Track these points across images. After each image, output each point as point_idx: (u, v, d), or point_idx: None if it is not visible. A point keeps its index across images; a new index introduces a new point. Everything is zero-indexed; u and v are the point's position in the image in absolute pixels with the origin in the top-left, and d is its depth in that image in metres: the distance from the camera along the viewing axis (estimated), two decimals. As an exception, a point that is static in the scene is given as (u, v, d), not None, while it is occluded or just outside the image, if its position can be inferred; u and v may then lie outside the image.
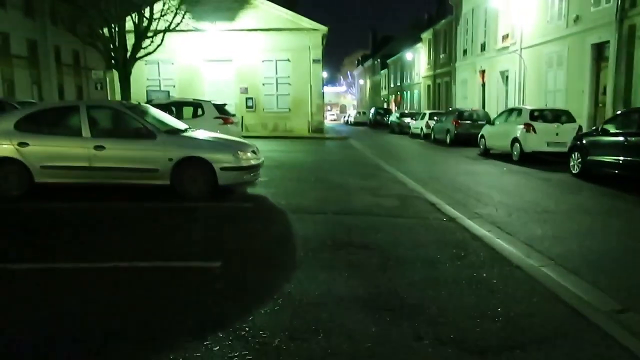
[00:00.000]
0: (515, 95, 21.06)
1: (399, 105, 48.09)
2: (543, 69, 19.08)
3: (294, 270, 4.39)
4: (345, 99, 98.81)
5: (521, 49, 20.39)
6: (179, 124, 8.27)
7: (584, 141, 10.52)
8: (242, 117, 26.45)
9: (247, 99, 26.50)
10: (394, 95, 51.87)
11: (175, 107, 12.96)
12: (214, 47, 26.04)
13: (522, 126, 13.35)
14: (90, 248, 5.07)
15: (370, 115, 44.31)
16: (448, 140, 20.01)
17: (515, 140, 13.54)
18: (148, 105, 8.55)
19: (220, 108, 12.85)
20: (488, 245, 5.39)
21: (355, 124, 48.29)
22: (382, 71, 58.81)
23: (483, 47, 25.10)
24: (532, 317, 3.55)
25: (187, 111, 12.94)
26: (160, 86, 26.63)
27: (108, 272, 4.34)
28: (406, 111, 34.86)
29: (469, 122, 19.58)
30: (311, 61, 26.25)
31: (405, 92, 46.78)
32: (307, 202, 7.43)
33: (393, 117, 33.23)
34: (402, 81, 48.14)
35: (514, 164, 13.10)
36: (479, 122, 19.53)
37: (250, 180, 7.67)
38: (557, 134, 12.97)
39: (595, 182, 9.97)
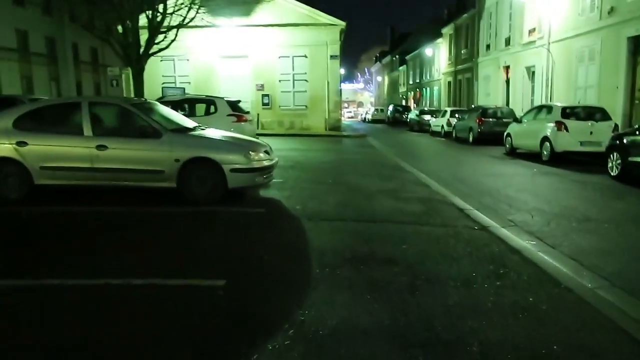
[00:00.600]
0: (542, 91, 20.14)
1: (418, 102, 47.18)
2: (573, 64, 18.14)
3: (308, 291, 3.82)
4: (362, 96, 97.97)
5: (549, 43, 19.46)
6: (188, 122, 7.75)
7: (625, 141, 9.72)
8: (258, 114, 26.04)
9: (263, 95, 26.04)
10: (412, 92, 50.94)
11: (187, 104, 12.50)
12: (229, 43, 25.64)
13: (553, 124, 12.55)
14: (82, 261, 4.57)
15: (389, 112, 43.54)
16: (471, 138, 19.23)
17: (545, 139, 12.75)
18: (155, 102, 8.07)
19: (234, 105, 12.34)
20: (529, 260, 4.74)
21: (373, 121, 47.56)
22: (401, 67, 57.83)
23: (507, 42, 24.16)
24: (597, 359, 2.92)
25: (200, 108, 12.46)
26: (175, 83, 26.32)
27: (96, 292, 3.82)
28: (425, 108, 34.01)
29: (493, 119, 18.77)
30: (328, 57, 25.66)
31: (424, 89, 45.84)
32: (324, 206, 6.84)
33: (412, 115, 32.44)
34: (421, 78, 47.19)
35: (544, 164, 12.32)
36: (504, 120, 18.71)
37: (263, 183, 7.12)
38: (591, 133, 12.15)
39: (637, 185, 9.18)
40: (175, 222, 6.02)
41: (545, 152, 12.74)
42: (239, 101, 12.89)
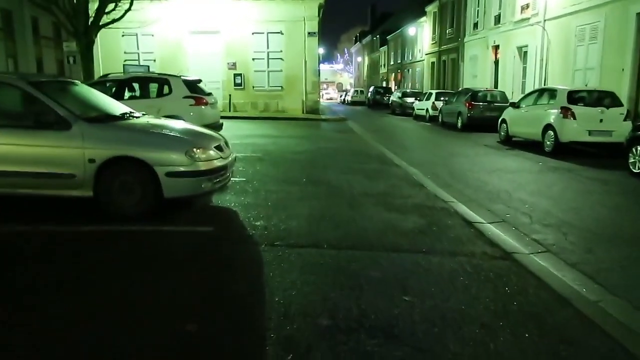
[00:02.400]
0: (536, 73, 18.71)
1: (399, 84, 45.57)
2: (571, 44, 16.69)
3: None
4: (341, 77, 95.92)
5: (544, 20, 17.96)
6: (118, 108, 5.94)
7: (651, 132, 8.29)
8: (230, 95, 24.09)
9: (235, 75, 24.05)
10: (394, 74, 49.27)
11: (137, 83, 10.59)
12: (199, 17, 23.48)
13: (557, 111, 11.07)
14: None
15: (369, 94, 41.83)
16: (459, 124, 17.74)
17: (548, 127, 11.28)
18: (74, 81, 6.22)
19: (193, 85, 10.48)
20: (592, 321, 3.19)
21: (353, 103, 45.88)
22: (382, 48, 56.00)
23: (497, 20, 22.60)
24: None
25: (152, 89, 10.56)
26: (139, 60, 24.14)
27: None
28: (408, 90, 32.44)
29: (484, 104, 17.30)
30: (306, 34, 23.73)
31: (406, 70, 44.21)
32: (293, 222, 5.17)
33: (394, 97, 30.83)
34: (403, 58, 45.50)
35: (548, 156, 10.86)
36: (496, 104, 17.32)
37: (213, 190, 5.40)
38: (601, 121, 10.72)
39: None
40: (70, 254, 4.26)
41: (548, 142, 11.28)
42: (199, 80, 11.03)
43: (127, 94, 10.21)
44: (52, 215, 5.24)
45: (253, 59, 23.97)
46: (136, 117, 5.76)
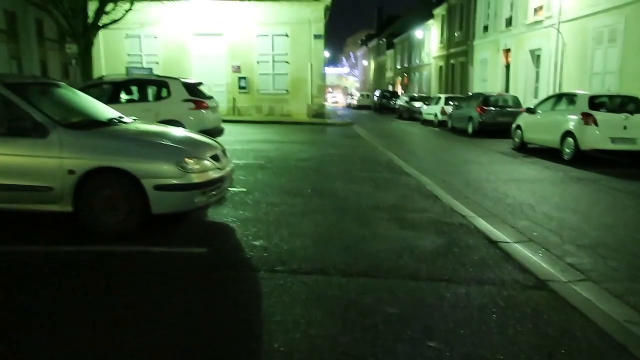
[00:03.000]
0: (550, 78, 18.08)
1: (406, 88, 45.00)
2: (588, 47, 16.06)
3: None
4: (347, 80, 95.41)
5: (559, 22, 17.34)
6: (105, 112, 5.41)
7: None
8: (234, 99, 23.61)
9: (239, 78, 23.55)
10: (400, 77, 48.70)
11: (134, 85, 10.10)
12: (202, 19, 23.04)
13: (578, 117, 10.46)
14: None
15: (375, 98, 41.25)
16: (470, 129, 17.14)
17: (567, 134, 10.67)
18: (60, 83, 5.69)
19: (193, 88, 9.97)
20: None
21: (358, 107, 45.38)
22: (388, 51, 55.45)
23: (509, 22, 22.00)
24: None
25: (150, 92, 10.05)
26: (142, 62, 23.69)
27: None
28: (415, 94, 31.85)
29: (496, 108, 16.70)
30: (312, 37, 23.23)
31: (413, 74, 43.62)
32: (297, 242, 4.61)
33: (401, 101, 30.26)
34: (410, 62, 44.92)
35: (567, 165, 10.25)
36: (508, 109, 16.76)
37: (207, 204, 4.85)
38: (624, 128, 10.10)
39: None
40: (42, 278, 3.72)
41: (567, 150, 10.66)
42: (200, 83, 10.52)
43: (124, 97, 9.70)
44: (27, 232, 4.71)
45: (258, 62, 23.49)
46: (125, 123, 5.22)
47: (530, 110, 12.72)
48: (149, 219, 4.49)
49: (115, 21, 14.08)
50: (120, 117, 5.37)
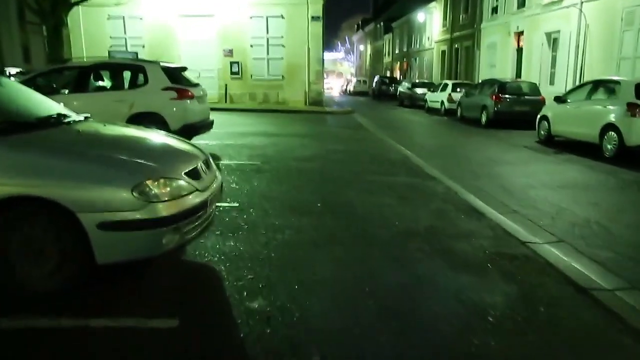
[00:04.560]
0: (570, 62, 16.62)
1: (405, 73, 43.37)
2: (616, 29, 14.57)
3: None
4: (342, 66, 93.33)
5: (582, 2, 15.83)
6: (44, 109, 3.89)
7: None
8: (226, 85, 21.98)
9: (231, 63, 21.90)
10: (399, 63, 47.02)
11: (105, 71, 8.52)
12: (191, -1, 21.30)
13: (621, 107, 9.05)
14: None
15: (374, 84, 39.63)
16: (484, 119, 15.70)
17: (609, 127, 9.25)
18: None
19: (175, 74, 8.41)
20: None
21: (355, 93, 43.76)
22: (386, 36, 53.61)
23: (521, 3, 20.44)
24: None
25: (123, 79, 8.47)
26: (126, 46, 21.99)
27: None
28: (417, 80, 30.28)
29: (513, 96, 15.24)
30: (309, 18, 21.57)
31: (413, 59, 41.96)
32: (312, 302, 3.16)
33: (402, 88, 28.67)
34: (409, 47, 43.21)
35: (610, 163, 8.85)
36: (526, 98, 15.34)
37: (182, 244, 3.38)
38: (678, 121, 8.70)
39: None
40: None
41: (609, 146, 9.25)
42: (184, 68, 8.95)
43: (91, 85, 8.15)
44: None
45: (251, 46, 21.84)
46: (69, 124, 3.72)
47: (560, 99, 11.28)
48: (91, 272, 3.02)
49: (87, -2, 12.40)
50: (63, 114, 3.86)
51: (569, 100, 10.99)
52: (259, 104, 21.52)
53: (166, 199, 3.08)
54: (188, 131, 8.22)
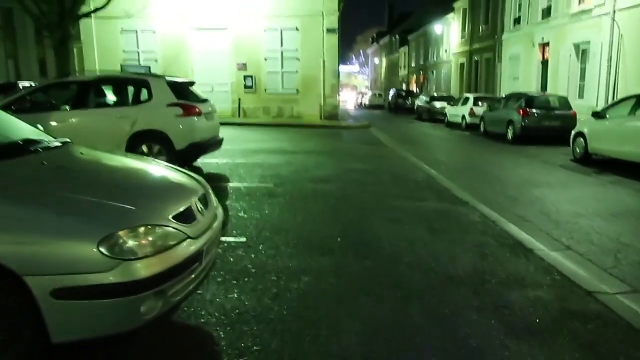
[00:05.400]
0: (602, 75, 15.70)
1: (422, 86, 42.60)
2: (654, 38, 13.68)
3: None
4: (356, 79, 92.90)
5: (614, 11, 14.96)
6: (15, 131, 3.22)
7: None
8: (240, 99, 21.46)
9: (245, 77, 21.40)
10: (415, 76, 46.29)
11: (107, 86, 7.92)
12: (204, 12, 20.97)
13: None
14: None
15: (390, 97, 38.92)
16: (510, 135, 14.83)
17: (659, 146, 8.36)
18: None
19: (181, 88, 7.77)
20: None
21: (370, 107, 43.10)
22: (402, 49, 53.02)
23: (546, 13, 19.60)
24: None
25: (125, 94, 7.86)
26: (139, 60, 21.66)
27: None
28: (435, 94, 29.47)
29: (541, 111, 14.38)
30: (325, 31, 21.01)
31: (430, 72, 41.20)
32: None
33: (420, 101, 27.90)
34: (425, 59, 42.49)
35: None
36: (555, 112, 14.46)
37: (168, 312, 2.62)
38: None
39: None
40: None
41: (660, 167, 8.35)
42: (192, 83, 8.32)
43: (92, 101, 7.55)
44: None
45: (265, 59, 21.33)
46: (41, 151, 3.02)
47: (598, 115, 10.39)
48: (47, 353, 2.29)
49: (97, 9, 11.95)
50: (32, 140, 3.17)
51: (608, 116, 10.11)
52: (273, 118, 20.93)
53: (146, 253, 2.34)
54: (195, 150, 7.57)
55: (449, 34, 34.77)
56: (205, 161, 8.84)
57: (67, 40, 12.10)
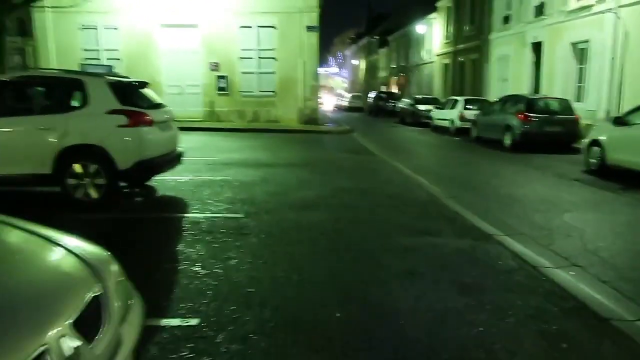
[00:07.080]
0: (604, 76, 14.55)
1: (403, 88, 41.42)
2: (665, 36, 12.57)
3: None
4: (333, 81, 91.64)
5: (618, 7, 13.84)
6: None
7: None
8: (212, 102, 19.77)
9: (218, 77, 19.77)
10: (396, 77, 45.12)
11: (30, 87, 6.19)
12: (172, 7, 19.23)
13: None
14: None
15: (370, 99, 37.62)
16: (508, 141, 13.55)
17: (701, 159, 7.08)
18: None
19: (127, 90, 6.11)
20: None
21: (349, 109, 41.80)
22: (381, 50, 51.82)
23: (539, 11, 18.46)
24: None
25: (54, 98, 6.14)
26: (101, 59, 19.77)
27: None
28: (419, 96, 28.22)
29: (543, 115, 13.14)
30: (304, 29, 19.52)
31: (411, 74, 40.05)
32: None
33: (404, 104, 26.61)
34: (407, 60, 41.34)
35: None
36: (558, 117, 13.26)
37: None
38: None
39: None
40: None
41: (702, 183, 7.07)
42: (144, 84, 6.64)
43: (7, 107, 5.84)
44: None
45: (240, 58, 19.73)
46: None
47: (620, 121, 9.13)
48: None
49: (31, 1, 10.12)
50: None
51: (631, 121, 8.84)
52: (248, 122, 19.31)
53: None
54: (144, 170, 5.96)
55: (432, 34, 33.64)
56: (162, 177, 7.16)
57: (3, 33, 10.25)
